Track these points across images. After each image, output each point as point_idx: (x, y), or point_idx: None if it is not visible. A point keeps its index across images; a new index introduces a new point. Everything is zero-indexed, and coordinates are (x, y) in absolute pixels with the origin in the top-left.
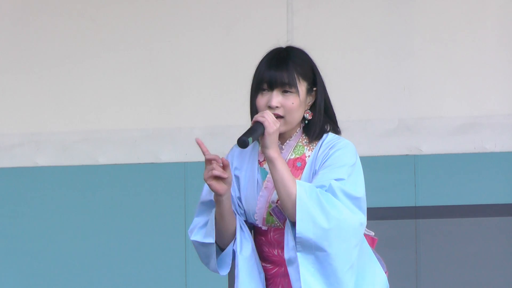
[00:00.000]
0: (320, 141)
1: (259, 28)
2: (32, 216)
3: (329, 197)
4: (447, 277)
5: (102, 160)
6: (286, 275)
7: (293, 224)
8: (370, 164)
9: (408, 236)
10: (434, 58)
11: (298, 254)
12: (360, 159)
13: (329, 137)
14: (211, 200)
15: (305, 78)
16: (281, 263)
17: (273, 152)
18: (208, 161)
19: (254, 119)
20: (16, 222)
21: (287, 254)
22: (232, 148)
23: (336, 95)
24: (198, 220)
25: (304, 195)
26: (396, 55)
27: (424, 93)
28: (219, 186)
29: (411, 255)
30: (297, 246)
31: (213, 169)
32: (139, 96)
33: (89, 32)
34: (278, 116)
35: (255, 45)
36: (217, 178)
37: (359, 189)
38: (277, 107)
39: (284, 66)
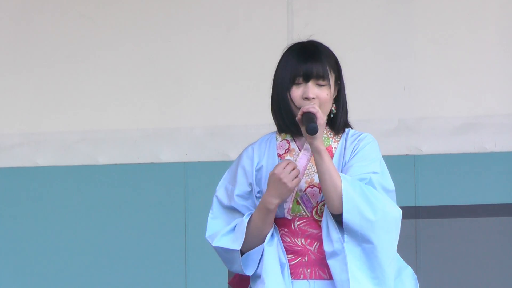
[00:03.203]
0: (345, 134)
1: (259, 28)
2: (32, 216)
3: (372, 190)
4: (447, 277)
5: (102, 160)
6: (308, 264)
7: (335, 217)
8: None
9: (408, 236)
10: (434, 58)
11: (345, 245)
12: None
13: (352, 131)
14: (231, 206)
15: (334, 71)
16: (304, 253)
17: (321, 143)
18: (290, 164)
19: (304, 109)
20: (16, 222)
21: (330, 246)
22: (246, 148)
23: None
24: (219, 225)
25: (349, 188)
26: (396, 55)
27: (424, 93)
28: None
29: (411, 255)
30: (344, 237)
31: (297, 171)
32: (139, 96)
33: (89, 32)
34: None
35: (255, 45)
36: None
37: (391, 182)
38: (313, 98)
39: (318, 59)
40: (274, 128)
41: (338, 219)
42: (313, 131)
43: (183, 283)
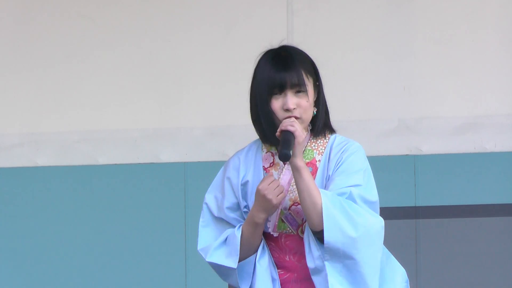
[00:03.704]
0: (329, 144)
1: (259, 28)
2: (32, 216)
3: (353, 205)
4: (447, 277)
5: (102, 160)
6: (298, 281)
7: (315, 233)
8: (370, 164)
9: (408, 236)
10: (434, 58)
11: (326, 263)
12: None
13: (338, 139)
14: (221, 218)
15: (311, 74)
16: (293, 269)
17: (300, 161)
18: (275, 182)
19: (282, 127)
20: (16, 222)
21: (312, 263)
22: (233, 157)
23: (336, 95)
24: (210, 237)
25: (330, 205)
26: (396, 55)
27: (424, 93)
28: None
29: (411, 255)
30: (325, 255)
31: (281, 187)
32: (139, 96)
33: (89, 32)
34: (296, 118)
35: (255, 45)
36: None
37: (374, 192)
38: (294, 108)
39: (292, 67)
40: None
41: (319, 235)
42: (284, 158)
43: (183, 283)
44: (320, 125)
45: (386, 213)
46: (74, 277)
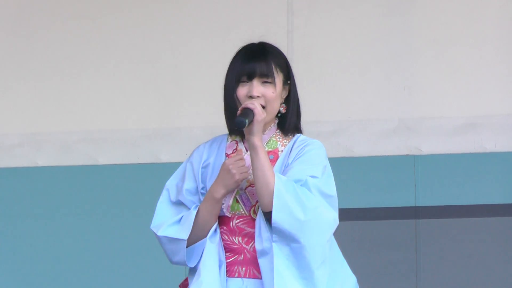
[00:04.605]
0: (293, 140)
1: (259, 28)
2: (32, 216)
3: (306, 191)
4: (447, 277)
5: (102, 160)
6: (243, 263)
7: (267, 215)
8: (370, 164)
9: (408, 236)
10: (434, 58)
11: (274, 245)
12: (360, 159)
13: (302, 137)
14: (179, 201)
15: (281, 69)
16: (240, 252)
17: (257, 140)
18: (242, 160)
19: (243, 105)
20: (16, 222)
21: (260, 245)
22: (198, 146)
23: (336, 95)
24: (165, 217)
25: (281, 186)
26: (396, 55)
27: (424, 93)
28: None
29: (411, 255)
30: (273, 236)
31: (247, 167)
32: (139, 96)
33: (89, 32)
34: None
35: None
36: None
37: (331, 187)
38: (258, 96)
39: (262, 57)
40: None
41: (270, 218)
42: (240, 124)
43: None
44: (290, 124)
45: (386, 213)
46: (74, 277)
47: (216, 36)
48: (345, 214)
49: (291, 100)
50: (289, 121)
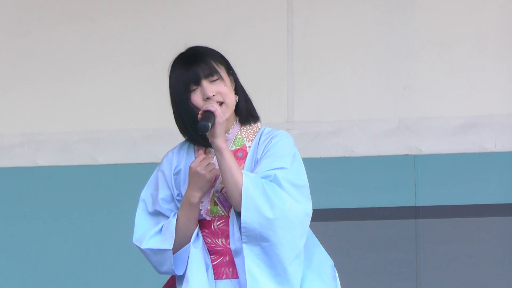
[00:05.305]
0: (259, 133)
1: (259, 28)
2: (32, 216)
3: (274, 187)
4: (447, 277)
5: (102, 160)
6: (229, 264)
7: (239, 215)
8: (370, 164)
9: (408, 236)
10: (434, 58)
11: (244, 245)
12: (360, 159)
13: (267, 129)
14: (156, 210)
15: (221, 63)
16: (224, 253)
17: (221, 142)
18: (206, 159)
19: (203, 108)
20: (16, 222)
21: (233, 245)
22: (167, 153)
23: (336, 95)
24: (145, 229)
25: (250, 185)
26: (396, 55)
27: (424, 93)
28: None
29: (411, 255)
30: (242, 237)
31: (212, 164)
32: (139, 96)
33: (89, 32)
34: (220, 103)
35: (255, 45)
36: None
37: (302, 177)
38: (214, 95)
39: (199, 59)
40: (272, 126)
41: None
42: (203, 128)
43: None
44: (244, 111)
45: (386, 213)
46: (74, 276)
47: (216, 36)
48: (345, 214)
49: (238, 88)
50: (242, 108)
